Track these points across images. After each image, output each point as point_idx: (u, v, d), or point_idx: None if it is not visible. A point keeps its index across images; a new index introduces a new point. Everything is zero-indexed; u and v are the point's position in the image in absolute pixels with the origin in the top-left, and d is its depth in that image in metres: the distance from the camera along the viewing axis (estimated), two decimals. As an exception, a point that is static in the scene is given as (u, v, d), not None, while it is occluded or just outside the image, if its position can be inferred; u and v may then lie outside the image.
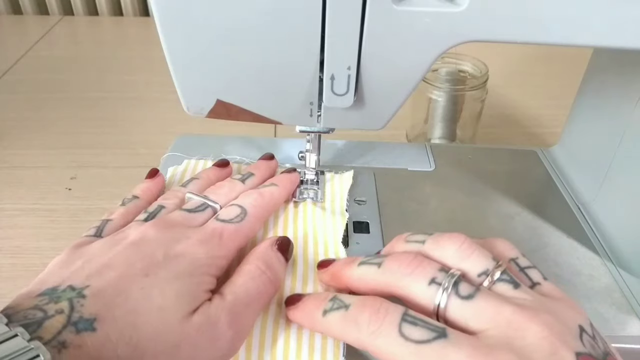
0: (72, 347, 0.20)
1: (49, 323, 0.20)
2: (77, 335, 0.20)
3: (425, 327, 0.21)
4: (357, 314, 0.22)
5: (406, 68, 0.25)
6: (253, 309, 0.26)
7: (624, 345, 0.28)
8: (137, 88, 0.66)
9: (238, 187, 0.33)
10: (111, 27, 0.88)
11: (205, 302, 0.24)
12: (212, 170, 0.36)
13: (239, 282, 0.26)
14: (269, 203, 0.32)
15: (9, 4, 0.91)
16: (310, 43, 0.24)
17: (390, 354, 0.21)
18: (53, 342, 0.20)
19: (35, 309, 0.21)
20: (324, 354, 0.26)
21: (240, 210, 0.30)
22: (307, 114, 0.28)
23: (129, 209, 0.31)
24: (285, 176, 0.35)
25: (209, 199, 0.31)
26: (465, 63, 0.51)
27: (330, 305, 0.24)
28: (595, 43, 0.24)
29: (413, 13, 0.23)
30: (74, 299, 0.22)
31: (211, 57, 0.26)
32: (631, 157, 0.34)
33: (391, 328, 0.21)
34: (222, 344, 0.24)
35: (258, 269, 0.27)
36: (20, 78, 0.67)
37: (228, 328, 0.24)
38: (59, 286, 0.23)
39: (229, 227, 0.29)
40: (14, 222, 0.43)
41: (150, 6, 0.24)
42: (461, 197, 0.39)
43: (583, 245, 0.35)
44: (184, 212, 0.30)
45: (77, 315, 0.21)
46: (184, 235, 0.27)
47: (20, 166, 0.49)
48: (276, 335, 0.27)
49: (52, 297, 0.22)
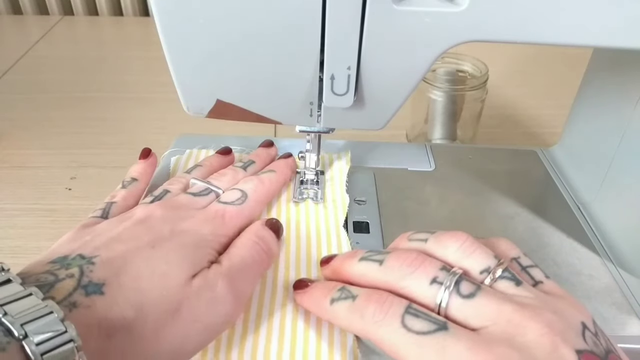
0: (82, 307, 0.21)
1: (60, 285, 0.22)
2: (86, 297, 0.22)
3: (427, 319, 0.21)
4: (363, 305, 0.23)
5: (406, 68, 0.25)
6: (249, 276, 0.28)
7: (624, 345, 0.28)
8: (137, 88, 0.66)
9: (240, 173, 0.35)
10: (111, 27, 0.88)
11: (204, 269, 0.26)
12: (214, 157, 0.38)
13: (234, 251, 0.28)
14: (268, 188, 0.34)
15: (9, 4, 0.91)
16: (310, 43, 0.24)
17: (392, 344, 0.21)
18: (64, 302, 0.21)
19: (47, 273, 0.22)
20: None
21: (241, 193, 0.32)
22: (307, 114, 0.28)
23: (130, 191, 0.33)
24: (282, 162, 0.37)
25: (212, 184, 0.33)
26: (465, 63, 0.51)
27: (338, 294, 0.25)
28: (595, 43, 0.24)
29: (413, 13, 0.23)
30: (83, 265, 0.23)
31: (211, 57, 0.26)
32: (631, 157, 0.34)
33: (394, 319, 0.22)
34: (221, 308, 0.25)
35: (250, 240, 0.29)
36: (20, 78, 0.67)
37: (227, 292, 0.25)
38: (70, 255, 0.24)
39: (231, 208, 0.31)
40: (14, 222, 0.43)
41: (150, 6, 0.24)
42: (461, 197, 0.39)
43: (583, 245, 0.35)
44: (189, 196, 0.31)
45: (87, 280, 0.22)
46: (188, 215, 0.29)
47: (20, 166, 0.49)
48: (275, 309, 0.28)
49: (62, 264, 0.23)
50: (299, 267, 0.31)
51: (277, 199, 0.36)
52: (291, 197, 0.36)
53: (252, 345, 0.26)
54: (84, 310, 0.21)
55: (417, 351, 0.21)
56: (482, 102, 0.50)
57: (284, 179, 0.37)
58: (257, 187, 0.33)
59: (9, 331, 0.18)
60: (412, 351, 0.21)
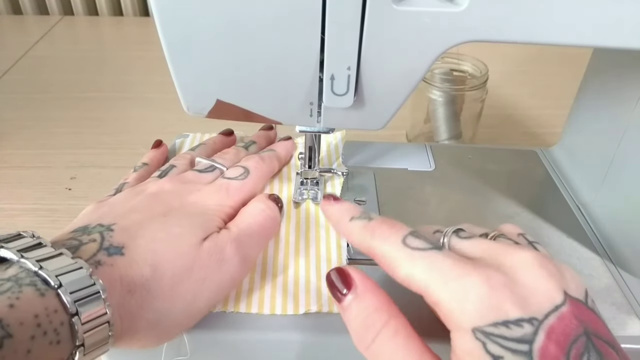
0: (105, 265, 0.24)
1: (85, 247, 0.24)
2: (109, 257, 0.24)
3: (426, 240, 0.24)
4: (376, 225, 0.25)
5: (406, 68, 0.25)
6: (256, 240, 0.30)
7: (624, 345, 0.28)
8: (137, 88, 0.66)
9: (242, 152, 0.38)
10: (111, 27, 0.88)
11: (214, 233, 0.28)
12: (218, 137, 0.40)
13: (241, 219, 0.31)
14: (269, 165, 0.37)
15: (9, 4, 0.91)
16: (310, 43, 0.24)
17: (390, 258, 0.23)
18: (90, 261, 0.23)
19: (71, 239, 0.25)
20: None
21: (243, 170, 0.34)
22: (307, 114, 0.28)
23: (141, 173, 0.35)
24: (282, 143, 0.40)
25: (216, 161, 0.35)
26: (465, 63, 0.51)
27: (359, 215, 0.27)
28: (595, 43, 0.24)
29: (413, 13, 0.23)
30: (104, 232, 0.26)
31: (211, 57, 0.26)
32: (631, 157, 0.34)
33: (397, 237, 0.24)
34: (229, 268, 0.28)
35: (257, 208, 0.32)
36: (20, 78, 0.67)
37: (234, 254, 0.28)
38: (90, 224, 0.27)
39: (235, 182, 0.33)
40: (14, 222, 0.43)
41: (150, 6, 0.24)
42: (461, 197, 0.39)
43: (583, 246, 0.35)
44: (195, 172, 0.34)
45: (108, 243, 0.25)
46: (195, 188, 0.32)
47: (20, 166, 0.50)
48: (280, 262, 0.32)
49: (84, 232, 0.26)
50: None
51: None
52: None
53: (259, 297, 0.29)
54: (107, 268, 0.24)
55: (409, 264, 0.23)
56: (482, 102, 0.50)
57: (284, 157, 0.39)
58: (258, 163, 0.35)
59: (45, 282, 0.20)
60: (404, 263, 0.23)
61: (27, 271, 0.21)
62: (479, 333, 0.20)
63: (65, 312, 0.20)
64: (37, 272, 0.21)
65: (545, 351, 0.19)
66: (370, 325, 0.22)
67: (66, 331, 0.20)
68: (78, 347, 0.21)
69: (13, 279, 0.20)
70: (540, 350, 0.19)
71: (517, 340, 0.20)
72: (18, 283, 0.20)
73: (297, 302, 0.29)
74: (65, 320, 0.20)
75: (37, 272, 0.21)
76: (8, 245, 0.22)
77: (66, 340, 0.20)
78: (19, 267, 0.21)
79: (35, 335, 0.19)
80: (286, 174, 0.39)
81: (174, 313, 0.25)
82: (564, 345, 0.20)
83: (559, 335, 0.20)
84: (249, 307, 0.29)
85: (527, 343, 0.20)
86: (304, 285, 0.30)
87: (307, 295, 0.29)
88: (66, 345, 0.20)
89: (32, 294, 0.20)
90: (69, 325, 0.20)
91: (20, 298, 0.19)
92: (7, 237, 0.22)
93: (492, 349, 0.20)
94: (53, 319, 0.20)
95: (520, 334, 0.20)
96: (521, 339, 0.20)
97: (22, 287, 0.20)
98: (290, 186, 0.38)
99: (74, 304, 0.20)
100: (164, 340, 0.27)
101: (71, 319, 0.20)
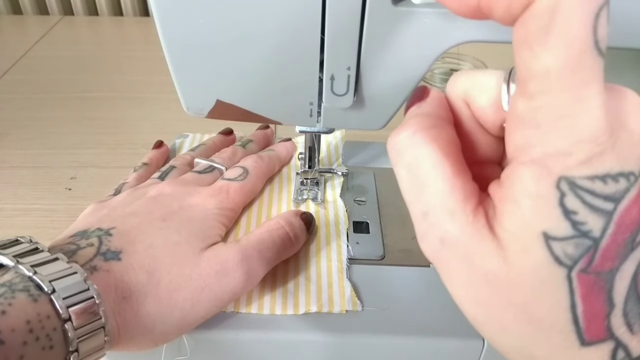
0: (101, 271, 0.24)
1: (81, 252, 0.24)
2: (105, 262, 0.24)
3: None
4: None
5: (406, 68, 0.25)
6: (265, 257, 0.29)
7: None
8: (137, 88, 0.66)
9: (240, 152, 0.38)
10: (111, 27, 0.88)
11: (219, 243, 0.28)
12: (217, 137, 0.41)
13: (255, 232, 0.30)
14: (268, 164, 0.37)
15: (9, 4, 0.91)
16: (310, 43, 0.24)
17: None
18: (86, 266, 0.23)
19: (69, 244, 0.25)
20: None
21: (242, 170, 0.34)
22: (307, 114, 0.28)
23: (140, 174, 0.35)
24: (282, 144, 0.40)
25: (215, 162, 0.36)
26: (465, 63, 0.51)
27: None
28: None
29: (413, 13, 0.23)
30: (102, 236, 0.26)
31: (211, 57, 0.26)
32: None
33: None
34: (230, 281, 0.27)
35: (277, 224, 0.30)
36: (20, 78, 0.67)
37: (237, 267, 0.27)
38: (89, 228, 0.26)
39: (234, 184, 0.33)
40: (14, 222, 0.43)
41: (150, 6, 0.24)
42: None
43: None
44: (195, 173, 0.34)
45: (105, 248, 0.25)
46: (195, 191, 0.31)
47: (20, 166, 0.49)
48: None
49: (83, 236, 0.26)
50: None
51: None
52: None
53: (259, 297, 0.29)
54: (103, 273, 0.24)
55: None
56: (482, 102, 0.50)
57: (283, 158, 0.39)
58: (257, 162, 0.35)
59: (39, 287, 0.20)
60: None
61: (21, 277, 0.21)
62: (565, 183, 0.16)
63: (58, 317, 0.20)
64: (31, 278, 0.21)
65: (629, 212, 0.16)
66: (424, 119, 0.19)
67: (59, 337, 0.20)
68: (72, 353, 0.20)
69: (7, 284, 0.20)
70: (624, 211, 0.16)
71: (606, 197, 0.16)
72: (11, 289, 0.20)
73: (297, 302, 0.29)
74: (58, 326, 0.20)
75: (31, 277, 0.21)
76: (5, 251, 0.22)
77: (59, 346, 0.20)
78: (15, 273, 0.21)
79: (27, 341, 0.19)
80: (286, 174, 0.39)
81: (170, 320, 0.25)
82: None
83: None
84: (249, 307, 0.29)
85: (614, 202, 0.16)
86: (304, 285, 0.30)
87: (307, 295, 0.29)
88: (60, 351, 0.20)
89: (25, 299, 0.20)
90: (61, 330, 0.20)
91: (12, 304, 0.19)
92: (5, 242, 0.22)
93: (570, 202, 0.15)
94: (45, 325, 0.20)
95: (612, 190, 0.16)
96: (611, 197, 0.16)
97: (15, 292, 0.20)
98: (290, 186, 0.38)
99: (67, 309, 0.20)
100: (161, 344, 0.27)
101: (64, 325, 0.20)
